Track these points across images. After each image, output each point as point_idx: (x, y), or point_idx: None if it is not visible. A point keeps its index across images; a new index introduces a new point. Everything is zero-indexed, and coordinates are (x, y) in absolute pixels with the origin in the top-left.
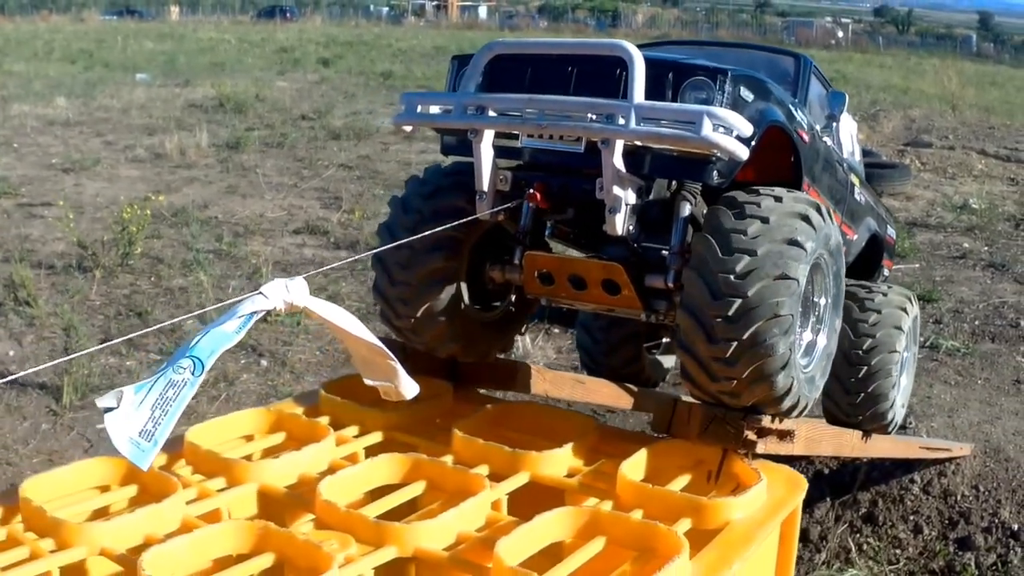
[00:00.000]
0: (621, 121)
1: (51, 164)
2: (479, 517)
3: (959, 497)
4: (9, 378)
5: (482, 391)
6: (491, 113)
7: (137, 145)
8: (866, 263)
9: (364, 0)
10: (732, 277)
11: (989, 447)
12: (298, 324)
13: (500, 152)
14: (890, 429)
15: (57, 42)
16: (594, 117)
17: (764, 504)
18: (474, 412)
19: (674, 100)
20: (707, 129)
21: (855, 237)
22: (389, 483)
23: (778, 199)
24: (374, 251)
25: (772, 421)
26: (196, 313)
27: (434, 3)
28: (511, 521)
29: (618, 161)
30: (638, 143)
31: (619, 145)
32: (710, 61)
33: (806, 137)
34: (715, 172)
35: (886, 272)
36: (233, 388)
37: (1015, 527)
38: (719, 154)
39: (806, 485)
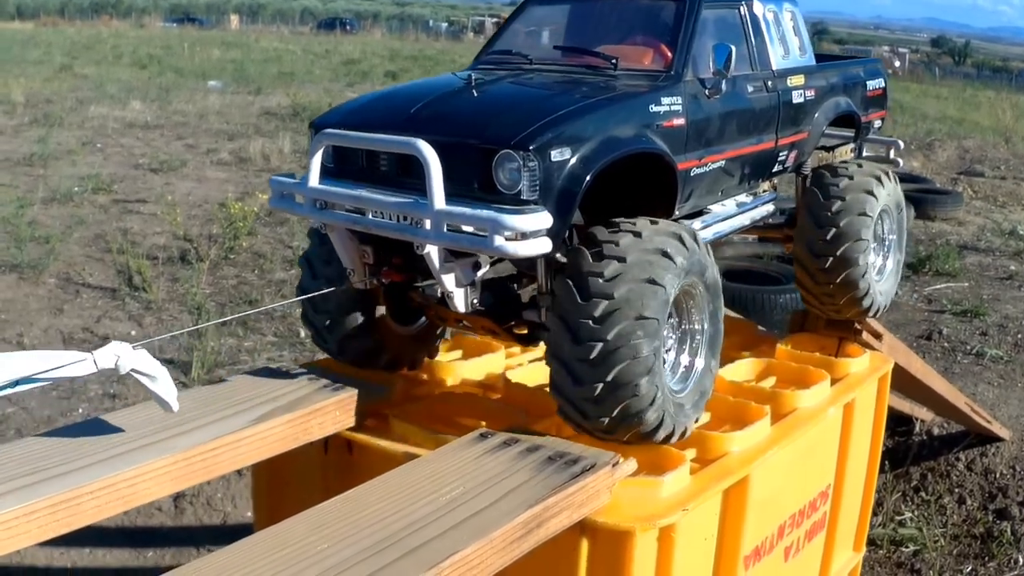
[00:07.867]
0: (427, 226)
1: (138, 164)
2: None
3: (998, 475)
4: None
5: None
6: (334, 207)
7: (220, 149)
8: (847, 126)
9: (423, 15)
10: (591, 322)
11: None
12: None
13: (360, 231)
14: (871, 312)
15: (123, 47)
16: (404, 220)
17: (867, 365)
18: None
19: (489, 176)
20: (499, 241)
21: (807, 137)
22: None
23: (637, 235)
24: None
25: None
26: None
27: (493, 20)
28: None
29: (435, 258)
30: None
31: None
32: (534, 108)
33: (678, 122)
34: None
35: (877, 124)
36: None
37: None
38: None
39: (893, 361)
